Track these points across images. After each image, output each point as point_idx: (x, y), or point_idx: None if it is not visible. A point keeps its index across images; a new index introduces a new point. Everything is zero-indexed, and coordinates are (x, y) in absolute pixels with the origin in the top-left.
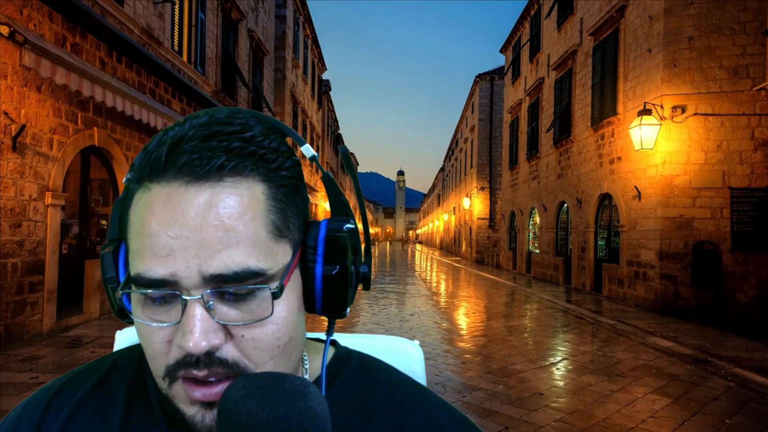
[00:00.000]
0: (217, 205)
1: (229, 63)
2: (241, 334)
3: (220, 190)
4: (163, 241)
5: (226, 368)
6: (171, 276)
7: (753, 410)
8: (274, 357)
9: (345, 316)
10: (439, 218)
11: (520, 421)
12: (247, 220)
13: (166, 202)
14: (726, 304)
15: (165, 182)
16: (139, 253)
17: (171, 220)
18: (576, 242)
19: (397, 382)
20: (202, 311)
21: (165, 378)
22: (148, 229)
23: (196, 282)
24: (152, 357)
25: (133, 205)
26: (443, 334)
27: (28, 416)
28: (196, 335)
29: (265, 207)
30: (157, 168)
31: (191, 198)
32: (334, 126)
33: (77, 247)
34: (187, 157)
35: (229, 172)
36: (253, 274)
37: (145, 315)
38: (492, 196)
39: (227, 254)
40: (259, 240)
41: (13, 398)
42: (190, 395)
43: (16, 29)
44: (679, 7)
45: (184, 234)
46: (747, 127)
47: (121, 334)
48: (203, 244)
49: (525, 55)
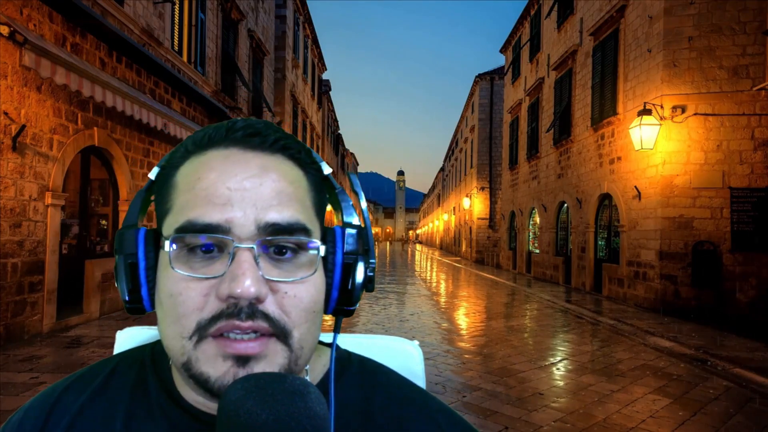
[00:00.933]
0: (272, 168)
1: (229, 63)
2: (285, 290)
3: (273, 159)
4: (221, 191)
5: (269, 323)
6: (226, 222)
7: (753, 410)
8: (308, 321)
9: (352, 314)
10: (439, 218)
11: (520, 421)
12: (297, 187)
13: (225, 159)
14: (726, 304)
15: (223, 147)
16: (190, 204)
17: (231, 173)
18: (576, 242)
19: (397, 386)
20: (252, 260)
21: (193, 337)
22: (204, 181)
23: (250, 231)
24: (182, 315)
25: (180, 171)
26: (443, 334)
27: (30, 421)
28: (248, 280)
29: (307, 184)
30: (216, 137)
31: (249, 160)
32: (334, 126)
33: (77, 247)
34: (244, 131)
35: (279, 149)
36: (303, 229)
37: (186, 268)
38: (492, 196)
39: (281, 208)
40: (305, 205)
41: (13, 398)
42: (225, 350)
43: (16, 29)
44: (679, 7)
45: (243, 187)
46: (747, 127)
47: (122, 334)
48: (260, 197)
49: (525, 55)
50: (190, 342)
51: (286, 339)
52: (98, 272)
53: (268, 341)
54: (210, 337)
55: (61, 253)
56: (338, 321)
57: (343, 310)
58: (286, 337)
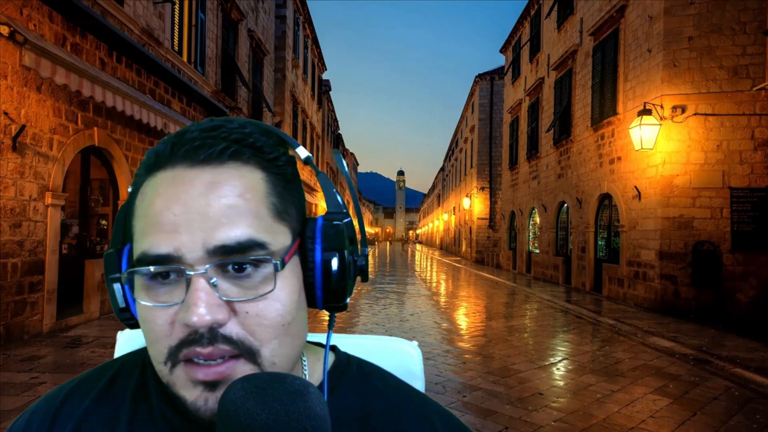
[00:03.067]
0: (219, 183)
1: (229, 63)
2: (245, 310)
3: (222, 171)
4: (168, 218)
5: (231, 345)
6: (175, 251)
7: (753, 410)
8: (278, 336)
9: (345, 308)
10: (439, 218)
11: (520, 421)
12: (249, 198)
13: (171, 183)
14: (726, 304)
15: (170, 167)
16: (143, 232)
17: (175, 198)
18: (576, 242)
19: (395, 389)
20: (206, 286)
21: (167, 362)
22: (152, 208)
23: (200, 256)
24: (154, 341)
25: (139, 194)
26: (443, 334)
27: (35, 426)
28: (201, 308)
29: (265, 189)
30: (162, 157)
31: (194, 178)
32: (334, 126)
33: (77, 247)
34: (190, 145)
35: (229, 157)
36: (256, 244)
37: (148, 298)
38: (492, 196)
39: (231, 227)
40: (260, 215)
41: (13, 398)
42: (192, 376)
43: (16, 29)
44: (679, 7)
45: (188, 210)
46: (747, 127)
47: (123, 334)
48: (207, 218)
49: (525, 55)
50: (165, 367)
51: (255, 358)
52: (98, 272)
53: (235, 363)
54: (182, 362)
55: (61, 253)
56: (332, 318)
57: (333, 306)
58: (254, 356)
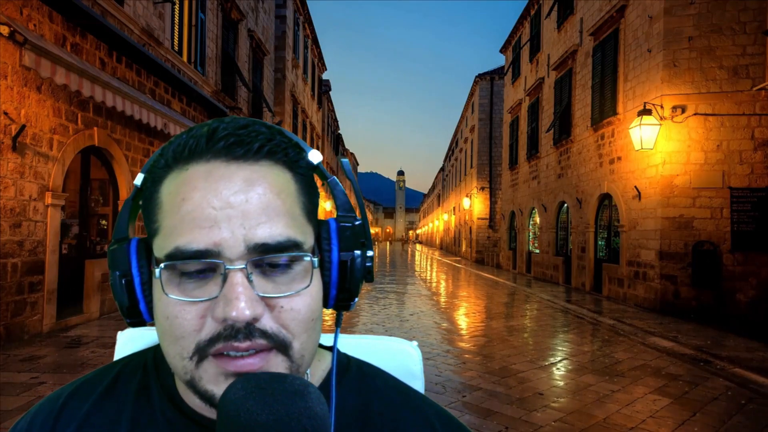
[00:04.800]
0: (257, 181)
1: (229, 63)
2: (281, 305)
3: (258, 169)
4: (207, 213)
5: (267, 339)
6: (215, 246)
7: (753, 410)
8: (307, 330)
9: (352, 308)
10: (439, 218)
11: (520, 421)
12: (285, 197)
13: (208, 177)
14: (726, 304)
15: (204, 161)
16: (176, 228)
17: (214, 193)
18: (576, 242)
19: (395, 391)
20: (245, 281)
21: (193, 357)
22: (188, 203)
23: (240, 251)
24: (180, 336)
25: (163, 187)
26: (443, 334)
27: (37, 428)
28: (242, 303)
29: (296, 189)
30: (196, 150)
31: (233, 174)
32: (334, 126)
33: (77, 247)
34: (226, 141)
35: (264, 156)
36: (294, 244)
37: (179, 292)
38: (492, 196)
39: (270, 225)
40: (294, 215)
41: (13, 398)
42: (225, 368)
43: (16, 29)
44: (679, 7)
45: (229, 205)
46: (747, 127)
47: (123, 334)
48: (247, 214)
49: (525, 55)
50: (191, 362)
51: (287, 350)
52: (98, 272)
53: (268, 355)
54: (210, 356)
55: (61, 253)
56: (339, 316)
57: (344, 304)
58: (287, 348)
